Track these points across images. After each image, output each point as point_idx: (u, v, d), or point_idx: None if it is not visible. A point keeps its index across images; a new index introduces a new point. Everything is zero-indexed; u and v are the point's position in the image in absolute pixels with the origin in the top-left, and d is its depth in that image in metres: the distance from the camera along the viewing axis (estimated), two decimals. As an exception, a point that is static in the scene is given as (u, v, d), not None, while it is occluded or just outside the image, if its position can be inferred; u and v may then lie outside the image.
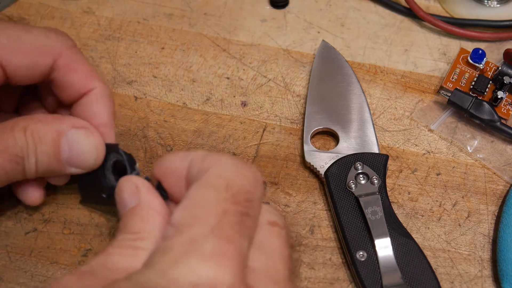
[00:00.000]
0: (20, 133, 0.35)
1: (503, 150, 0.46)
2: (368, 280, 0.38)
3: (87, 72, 0.39)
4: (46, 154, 0.36)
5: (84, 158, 0.37)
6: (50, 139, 0.36)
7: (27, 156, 0.35)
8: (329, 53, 0.51)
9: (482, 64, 0.48)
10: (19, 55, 0.37)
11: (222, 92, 0.49)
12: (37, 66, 0.37)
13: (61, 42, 0.38)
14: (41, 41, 0.37)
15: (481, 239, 0.42)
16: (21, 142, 0.35)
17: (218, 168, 0.28)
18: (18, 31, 0.37)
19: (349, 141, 0.45)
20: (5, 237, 0.42)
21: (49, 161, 0.36)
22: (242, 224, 0.27)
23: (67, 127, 0.37)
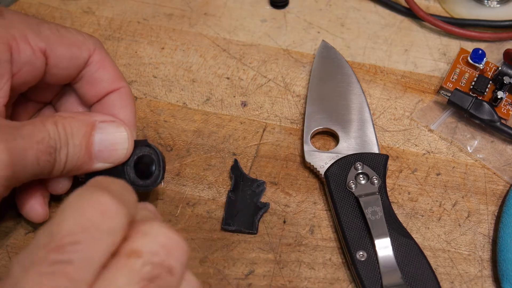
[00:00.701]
0: (52, 126, 0.35)
1: (503, 150, 0.46)
2: (368, 280, 0.38)
3: (116, 71, 0.40)
4: (78, 147, 0.36)
5: (115, 150, 0.37)
6: (82, 132, 0.36)
7: (60, 148, 0.35)
8: (329, 53, 0.51)
9: (482, 64, 0.48)
10: (61, 46, 0.38)
11: (222, 92, 0.49)
12: (77, 58, 0.38)
13: (93, 40, 0.40)
14: (78, 37, 0.39)
15: (481, 239, 0.42)
16: (54, 134, 0.35)
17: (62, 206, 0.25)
18: (57, 27, 0.38)
19: (349, 141, 0.45)
20: (5, 237, 0.42)
21: (80, 154, 0.36)
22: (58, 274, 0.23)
23: (97, 120, 0.37)
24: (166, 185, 0.44)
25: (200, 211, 0.43)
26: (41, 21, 0.38)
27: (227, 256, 0.41)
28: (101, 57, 0.40)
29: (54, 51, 0.37)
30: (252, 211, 0.43)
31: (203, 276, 0.40)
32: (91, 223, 0.24)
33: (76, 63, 0.39)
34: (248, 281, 0.40)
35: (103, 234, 0.25)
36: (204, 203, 0.44)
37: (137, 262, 0.25)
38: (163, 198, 0.44)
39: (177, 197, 0.44)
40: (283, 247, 0.42)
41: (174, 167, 0.45)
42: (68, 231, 0.24)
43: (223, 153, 0.46)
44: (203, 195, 0.44)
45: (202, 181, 0.45)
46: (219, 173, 0.45)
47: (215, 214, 0.43)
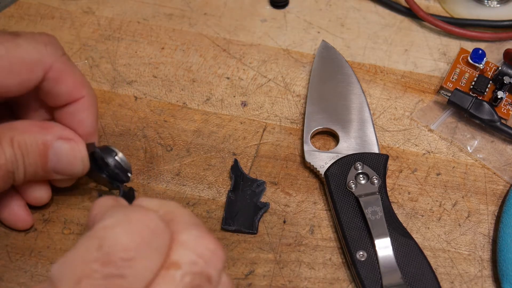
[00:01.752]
0: (8, 146, 0.35)
1: (503, 150, 0.46)
2: (368, 280, 0.38)
3: (76, 81, 0.39)
4: (34, 165, 0.36)
5: (71, 169, 0.38)
6: (37, 151, 0.36)
7: (17, 168, 0.35)
8: (329, 53, 0.51)
9: (482, 64, 0.48)
10: (9, 75, 0.36)
11: (222, 92, 0.49)
12: (28, 82, 0.37)
13: (51, 53, 0.37)
14: (31, 56, 0.36)
15: (481, 239, 0.42)
16: (11, 156, 0.35)
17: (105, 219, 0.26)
18: (6, 46, 0.36)
19: (349, 141, 0.45)
20: (5, 237, 0.42)
21: (36, 171, 0.36)
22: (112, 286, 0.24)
23: (53, 138, 0.36)
24: (166, 185, 0.44)
25: (200, 211, 0.43)
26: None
27: (227, 256, 0.41)
28: (58, 72, 0.38)
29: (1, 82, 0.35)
30: (252, 211, 0.43)
31: (203, 276, 0.40)
32: (143, 240, 0.25)
33: (27, 86, 0.37)
34: (248, 281, 0.40)
35: (153, 251, 0.26)
36: (204, 203, 0.44)
37: (177, 273, 0.26)
38: (163, 198, 0.44)
39: (177, 197, 0.44)
40: (283, 247, 0.42)
41: (174, 167, 0.45)
42: (123, 247, 0.25)
43: (223, 153, 0.46)
44: (203, 195, 0.44)
45: (202, 181, 0.45)
46: (219, 173, 0.45)
47: (215, 214, 0.43)
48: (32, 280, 0.40)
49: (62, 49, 0.39)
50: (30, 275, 0.40)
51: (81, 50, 0.52)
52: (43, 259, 0.41)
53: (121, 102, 0.49)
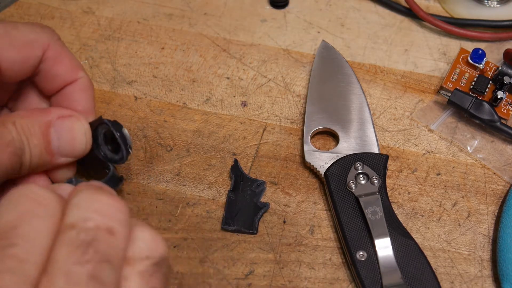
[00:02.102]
0: (12, 128, 0.35)
1: (503, 150, 0.46)
2: (368, 280, 0.38)
3: (73, 63, 0.40)
4: (38, 147, 0.36)
5: (74, 145, 0.38)
6: (39, 131, 0.36)
7: (23, 149, 0.36)
8: (329, 53, 0.51)
9: (482, 64, 0.48)
10: (11, 50, 0.37)
11: (222, 92, 0.49)
12: (29, 59, 0.38)
13: (48, 35, 0.39)
14: (29, 35, 0.38)
15: (481, 239, 0.42)
16: (17, 135, 0.35)
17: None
18: (6, 27, 0.38)
19: (349, 141, 0.45)
20: (5, 237, 0.42)
21: (41, 153, 0.37)
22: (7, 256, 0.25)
23: (53, 117, 0.37)
24: (166, 185, 0.44)
25: (200, 211, 0.43)
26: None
27: (227, 256, 0.41)
28: (56, 52, 0.39)
29: (4, 56, 0.37)
30: (252, 211, 0.43)
31: (203, 276, 0.40)
32: (27, 211, 0.26)
33: (29, 64, 0.38)
34: (248, 281, 0.40)
35: (39, 219, 0.26)
36: (204, 203, 0.44)
37: (72, 233, 0.26)
38: (163, 198, 0.44)
39: (177, 197, 0.44)
40: (283, 247, 0.42)
41: (174, 167, 0.45)
42: (7, 220, 0.26)
43: (223, 153, 0.46)
44: (203, 195, 0.44)
45: (202, 181, 0.45)
46: (219, 173, 0.45)
47: (215, 214, 0.43)
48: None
49: (57, 35, 0.40)
50: (30, 275, 0.40)
51: (81, 50, 0.52)
52: (43, 259, 0.41)
53: (121, 102, 0.49)
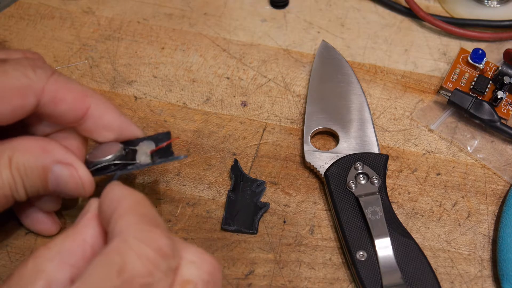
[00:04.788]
0: (6, 169, 0.34)
1: (503, 150, 0.46)
2: (368, 280, 0.38)
3: (77, 95, 0.37)
4: (35, 187, 0.36)
5: (72, 193, 0.37)
6: (36, 175, 0.35)
7: (16, 190, 0.35)
8: (329, 53, 0.51)
9: (482, 64, 0.48)
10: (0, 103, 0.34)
11: (222, 92, 0.49)
12: (21, 109, 0.35)
13: (41, 76, 0.35)
14: (20, 82, 0.34)
15: (481, 239, 0.42)
16: (8, 180, 0.34)
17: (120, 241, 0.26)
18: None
19: (349, 141, 0.45)
20: (5, 237, 0.42)
21: (38, 191, 0.36)
22: None
23: (51, 161, 0.35)
24: (166, 185, 0.44)
25: (200, 211, 0.43)
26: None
27: (227, 256, 0.41)
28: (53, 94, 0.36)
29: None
30: (252, 211, 0.43)
31: (203, 276, 0.40)
32: (155, 265, 0.26)
33: (21, 112, 0.35)
34: (248, 281, 0.40)
35: (166, 273, 0.26)
36: (204, 203, 0.44)
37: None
38: (163, 198, 0.44)
39: (177, 197, 0.44)
40: (283, 247, 0.42)
41: (174, 167, 0.45)
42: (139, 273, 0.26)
43: (223, 153, 0.46)
44: (203, 195, 0.44)
45: (202, 181, 0.45)
46: (219, 173, 0.45)
47: (215, 214, 0.43)
48: (32, 280, 0.40)
49: (50, 68, 0.37)
50: (30, 275, 0.40)
51: (81, 50, 0.52)
52: (43, 259, 0.41)
53: (121, 102, 0.49)
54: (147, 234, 0.27)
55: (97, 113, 0.37)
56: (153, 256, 0.26)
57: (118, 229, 0.27)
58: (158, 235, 0.27)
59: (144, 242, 0.27)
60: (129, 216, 0.28)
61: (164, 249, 0.27)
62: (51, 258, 0.28)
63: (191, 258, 0.28)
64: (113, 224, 0.28)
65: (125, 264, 0.26)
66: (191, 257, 0.28)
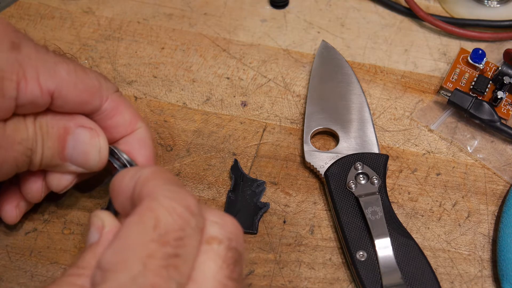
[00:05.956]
0: (31, 123, 0.35)
1: (503, 150, 0.46)
2: (368, 280, 0.38)
3: (131, 115, 0.39)
4: (51, 149, 0.36)
5: (87, 159, 0.37)
6: (57, 134, 0.36)
7: (35, 149, 0.35)
8: (329, 53, 0.51)
9: (482, 64, 0.48)
10: (72, 91, 0.36)
11: (222, 92, 0.49)
12: (86, 105, 0.37)
13: (109, 86, 0.39)
14: (94, 82, 0.37)
15: (481, 239, 0.42)
16: (32, 134, 0.35)
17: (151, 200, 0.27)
18: (76, 67, 0.37)
19: (349, 141, 0.45)
20: (5, 237, 0.42)
21: (53, 156, 0.36)
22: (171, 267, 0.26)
23: (74, 124, 0.37)
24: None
25: (200, 211, 0.43)
26: (60, 60, 0.36)
27: (227, 256, 0.41)
28: (115, 105, 0.39)
29: (63, 94, 0.36)
30: (252, 211, 0.43)
31: (203, 276, 0.40)
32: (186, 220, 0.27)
33: (84, 109, 0.37)
34: (248, 281, 0.40)
35: (194, 230, 0.28)
36: (204, 203, 0.44)
37: (220, 247, 0.28)
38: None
39: (177, 197, 0.44)
40: (283, 247, 0.42)
41: (174, 167, 0.45)
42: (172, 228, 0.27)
43: (223, 153, 0.46)
44: (203, 195, 0.44)
45: (202, 181, 0.45)
46: (219, 173, 0.45)
47: (215, 214, 0.43)
48: (32, 280, 0.40)
49: (117, 87, 0.40)
50: (30, 275, 0.40)
51: (81, 50, 0.52)
52: (43, 259, 0.41)
53: (121, 102, 0.49)
54: (175, 193, 0.28)
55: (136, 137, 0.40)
56: (183, 212, 0.27)
57: (146, 192, 0.28)
58: (185, 194, 0.28)
59: (173, 200, 0.28)
60: (155, 180, 0.29)
61: (192, 207, 0.28)
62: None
63: (214, 219, 0.29)
64: (138, 191, 0.29)
65: (158, 220, 0.27)
66: (214, 218, 0.29)
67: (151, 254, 0.26)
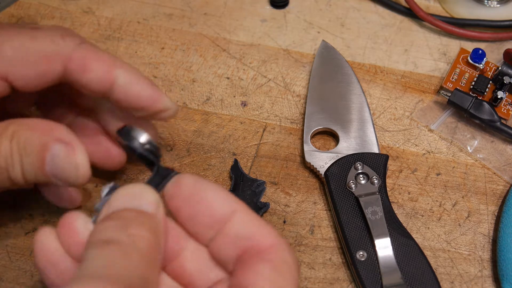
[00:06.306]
0: (6, 141, 0.34)
1: (503, 150, 0.46)
2: (368, 280, 0.38)
3: (104, 64, 0.36)
4: (31, 165, 0.35)
5: (66, 175, 0.35)
6: (35, 151, 0.34)
7: (12, 165, 0.34)
8: (329, 53, 0.51)
9: (482, 64, 0.48)
10: (25, 67, 0.35)
11: (222, 92, 0.49)
12: (46, 74, 0.36)
13: (69, 44, 0.36)
14: (47, 48, 0.35)
15: (481, 239, 0.42)
16: (6, 152, 0.34)
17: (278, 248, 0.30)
18: (22, 39, 0.35)
19: (349, 141, 0.45)
20: (5, 237, 0.42)
21: (35, 171, 0.35)
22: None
23: (51, 139, 0.35)
24: (166, 185, 0.44)
25: (200, 211, 0.43)
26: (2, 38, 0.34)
27: (227, 256, 0.41)
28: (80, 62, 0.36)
29: (16, 74, 0.34)
30: (252, 211, 0.43)
31: (203, 276, 0.40)
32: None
33: (46, 79, 0.36)
34: (248, 281, 0.40)
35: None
36: (204, 203, 0.43)
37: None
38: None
39: (177, 197, 0.44)
40: (283, 247, 0.42)
41: (174, 167, 0.45)
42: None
43: (223, 153, 0.46)
44: (203, 195, 0.44)
45: (202, 181, 0.45)
46: (219, 173, 0.45)
47: (215, 214, 0.43)
48: (32, 280, 0.40)
49: (81, 38, 0.37)
50: (30, 275, 0.40)
51: (81, 50, 0.52)
52: (43, 259, 0.41)
53: (121, 102, 0.49)
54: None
55: (125, 82, 0.37)
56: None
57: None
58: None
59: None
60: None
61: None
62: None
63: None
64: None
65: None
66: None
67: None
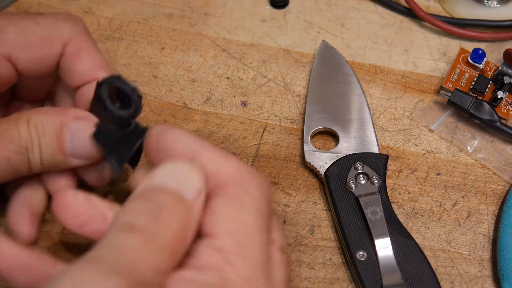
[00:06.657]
0: (24, 125, 0.35)
1: (503, 150, 0.46)
2: (368, 280, 0.38)
3: (94, 61, 0.38)
4: (50, 146, 0.36)
5: (88, 147, 0.37)
6: (52, 131, 0.36)
7: (31, 148, 0.35)
8: (329, 53, 0.51)
9: (482, 64, 0.48)
10: (28, 49, 0.36)
11: (222, 92, 0.49)
12: (48, 56, 0.37)
13: (70, 29, 0.38)
14: (49, 31, 0.37)
15: (481, 239, 0.42)
16: (25, 134, 0.35)
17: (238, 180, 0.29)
18: (25, 23, 0.37)
19: (349, 141, 0.45)
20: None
21: (53, 153, 0.36)
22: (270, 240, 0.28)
23: (69, 118, 0.36)
24: (166, 185, 0.44)
25: (200, 211, 0.43)
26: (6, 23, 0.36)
27: (227, 256, 0.41)
28: (76, 49, 0.38)
29: (20, 56, 0.36)
30: (252, 211, 0.43)
31: (203, 276, 0.40)
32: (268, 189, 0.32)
33: (48, 61, 0.37)
34: (248, 281, 0.40)
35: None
36: (204, 203, 0.44)
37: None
38: (163, 198, 0.44)
39: (177, 197, 0.44)
40: (283, 247, 0.42)
41: (174, 167, 0.45)
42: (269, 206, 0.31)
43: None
44: (203, 195, 0.44)
45: (202, 181, 0.45)
46: (219, 173, 0.45)
47: (215, 214, 0.43)
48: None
49: (85, 29, 0.39)
50: (30, 275, 0.40)
51: (81, 50, 0.52)
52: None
53: (121, 102, 0.49)
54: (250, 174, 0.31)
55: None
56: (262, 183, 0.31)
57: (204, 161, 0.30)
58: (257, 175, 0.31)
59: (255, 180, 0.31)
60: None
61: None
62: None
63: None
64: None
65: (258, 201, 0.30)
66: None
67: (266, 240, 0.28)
